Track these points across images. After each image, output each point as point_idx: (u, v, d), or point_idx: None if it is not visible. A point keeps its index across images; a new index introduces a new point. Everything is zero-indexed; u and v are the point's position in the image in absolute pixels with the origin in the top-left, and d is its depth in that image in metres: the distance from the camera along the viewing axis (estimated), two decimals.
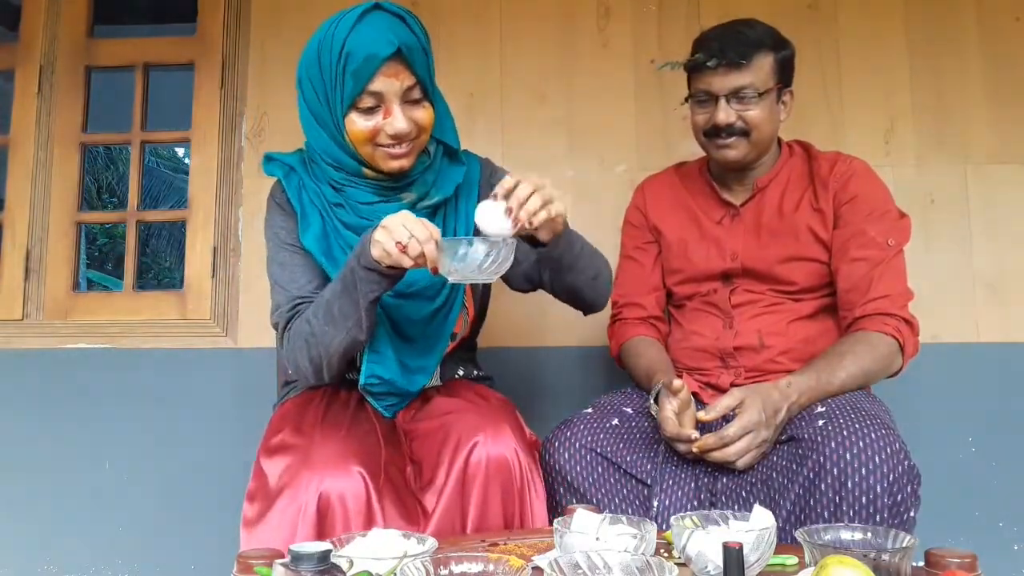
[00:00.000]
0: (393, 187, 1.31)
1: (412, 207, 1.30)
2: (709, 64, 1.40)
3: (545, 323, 2.00)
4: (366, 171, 1.29)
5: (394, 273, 1.13)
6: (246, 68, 2.13)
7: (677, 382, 1.27)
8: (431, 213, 1.33)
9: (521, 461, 1.18)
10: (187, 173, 2.62)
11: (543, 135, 2.07)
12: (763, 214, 1.49)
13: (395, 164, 1.25)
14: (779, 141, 1.54)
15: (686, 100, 1.51)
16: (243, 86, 2.13)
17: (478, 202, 1.31)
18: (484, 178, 1.43)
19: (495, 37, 2.11)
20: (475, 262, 1.05)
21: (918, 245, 1.93)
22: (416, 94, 1.23)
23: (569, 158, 2.07)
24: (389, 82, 1.19)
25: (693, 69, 1.45)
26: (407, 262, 1.07)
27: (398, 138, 1.22)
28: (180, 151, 10.87)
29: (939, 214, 1.97)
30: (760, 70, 1.40)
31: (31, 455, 2.04)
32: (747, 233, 1.49)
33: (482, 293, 1.45)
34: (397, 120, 1.21)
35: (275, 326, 1.31)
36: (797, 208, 1.47)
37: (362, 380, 1.29)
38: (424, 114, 1.25)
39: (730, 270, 1.49)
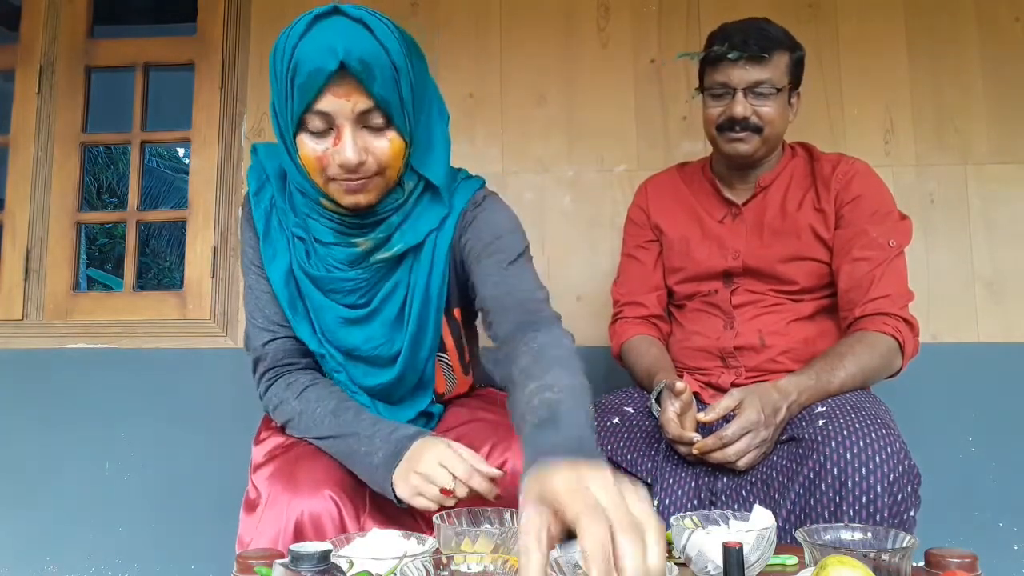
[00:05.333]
0: (353, 225, 1.14)
1: (366, 256, 1.15)
2: (731, 56, 1.39)
3: None
4: (323, 201, 1.12)
5: None
6: (246, 68, 2.14)
7: (680, 384, 1.26)
8: (394, 265, 1.17)
9: None
10: (187, 173, 2.62)
11: (543, 135, 2.08)
12: (766, 213, 1.49)
13: (350, 200, 1.07)
14: (783, 142, 1.55)
15: (698, 92, 1.50)
16: (243, 86, 2.13)
17: (451, 245, 1.17)
18: (462, 219, 1.19)
19: (495, 37, 2.11)
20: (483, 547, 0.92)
21: (918, 245, 1.93)
22: (376, 120, 1.03)
23: (569, 158, 2.07)
24: (338, 103, 1.01)
25: (713, 61, 1.44)
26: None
27: (347, 170, 1.03)
28: (180, 151, 10.87)
29: (939, 214, 1.97)
30: (778, 67, 1.41)
31: (31, 455, 2.04)
32: (749, 232, 1.49)
33: (470, 352, 1.33)
34: (345, 148, 1.02)
35: (248, 353, 1.23)
36: (799, 208, 1.47)
37: None
38: (385, 146, 1.04)
39: (732, 269, 1.49)
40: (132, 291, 2.13)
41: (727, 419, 1.25)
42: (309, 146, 1.05)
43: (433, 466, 0.98)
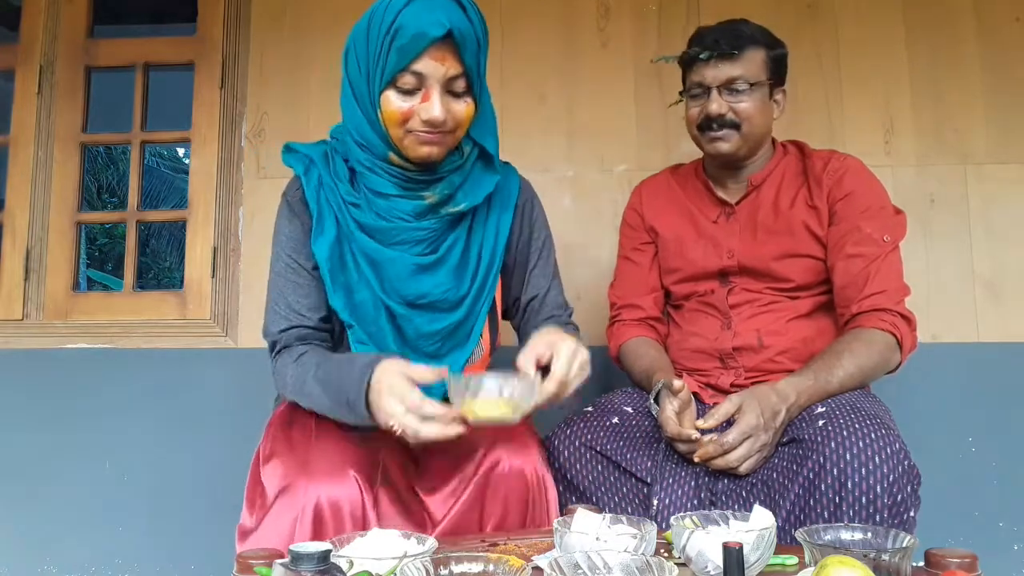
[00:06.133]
0: (417, 180, 1.24)
1: (433, 209, 1.25)
2: (702, 56, 1.43)
3: None
4: (392, 156, 1.23)
5: None
6: (246, 68, 2.14)
7: (677, 382, 1.27)
8: (455, 221, 1.28)
9: (540, 474, 1.20)
10: (187, 173, 2.62)
11: (543, 135, 2.07)
12: (759, 212, 1.49)
13: (424, 150, 1.19)
14: (773, 141, 1.55)
15: (680, 96, 1.53)
16: (243, 86, 2.13)
17: (512, 223, 1.33)
18: (521, 201, 1.38)
19: (495, 37, 2.07)
20: (490, 395, 0.98)
21: (918, 245, 1.93)
22: (459, 86, 1.17)
23: (569, 158, 2.07)
24: (434, 65, 1.14)
25: (687, 63, 1.48)
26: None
27: (431, 125, 1.16)
28: (180, 151, 10.87)
29: (939, 214, 1.97)
30: (751, 63, 1.42)
31: (31, 455, 2.04)
32: (743, 231, 1.50)
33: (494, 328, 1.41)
34: (434, 107, 1.15)
35: (265, 338, 1.29)
36: (792, 205, 1.47)
37: None
38: (463, 108, 1.19)
39: (727, 268, 1.49)
40: (132, 291, 2.13)
41: (728, 423, 1.25)
42: (396, 102, 1.17)
43: (390, 403, 1.05)
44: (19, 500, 2.03)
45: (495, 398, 0.97)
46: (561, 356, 1.10)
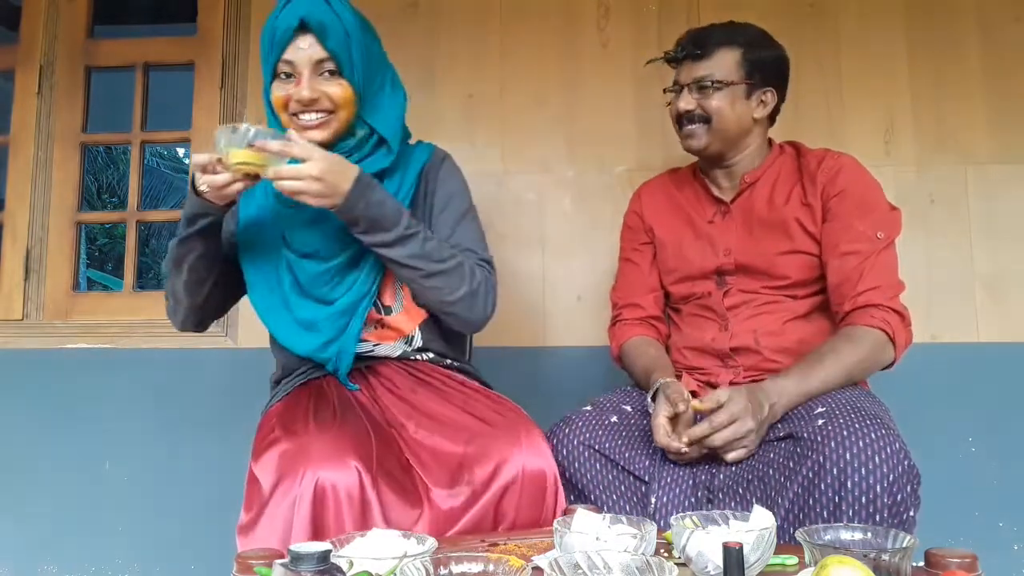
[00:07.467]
0: None
1: None
2: (676, 56, 1.51)
3: (545, 323, 2.00)
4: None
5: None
6: (246, 68, 2.14)
7: (681, 405, 1.28)
8: None
9: (556, 476, 1.21)
10: (187, 173, 2.62)
11: (543, 136, 2.08)
12: (754, 208, 1.50)
13: (308, 135, 1.30)
14: (771, 141, 1.56)
15: (666, 95, 1.56)
16: (243, 86, 2.13)
17: (416, 185, 1.40)
18: (427, 167, 1.43)
19: (495, 37, 2.11)
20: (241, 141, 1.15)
21: (918, 245, 1.93)
22: (329, 67, 1.29)
23: (569, 158, 2.07)
24: (299, 52, 1.28)
25: (669, 63, 1.54)
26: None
27: (303, 104, 1.29)
28: (180, 151, 10.86)
29: (939, 214, 1.97)
30: (720, 63, 1.46)
31: (31, 455, 2.04)
32: (739, 228, 1.51)
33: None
34: (303, 88, 1.28)
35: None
36: (787, 202, 1.48)
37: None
38: (336, 90, 1.30)
39: (723, 266, 1.50)
40: (132, 291, 2.13)
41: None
42: (276, 91, 1.32)
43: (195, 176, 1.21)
44: (19, 500, 2.03)
45: (245, 148, 1.15)
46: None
